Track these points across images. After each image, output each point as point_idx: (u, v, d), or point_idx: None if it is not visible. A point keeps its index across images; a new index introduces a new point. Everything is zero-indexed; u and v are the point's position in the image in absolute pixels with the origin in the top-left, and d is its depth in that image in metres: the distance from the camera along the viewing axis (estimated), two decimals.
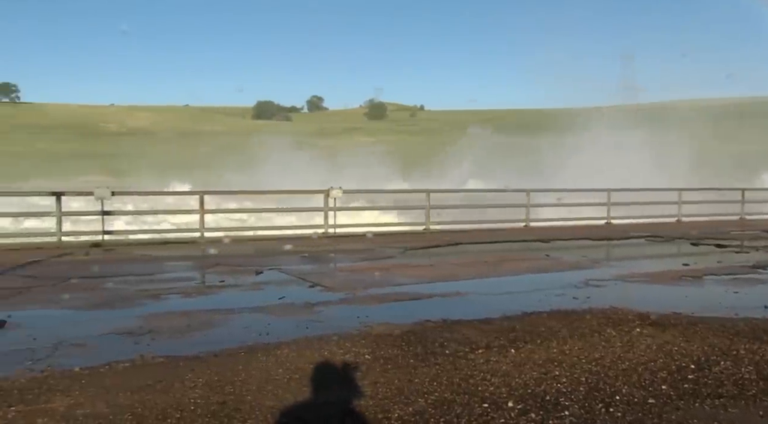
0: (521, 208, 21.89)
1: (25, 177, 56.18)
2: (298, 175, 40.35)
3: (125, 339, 7.45)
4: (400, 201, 23.44)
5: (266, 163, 51.75)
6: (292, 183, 27.89)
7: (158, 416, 5.04)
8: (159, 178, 43.78)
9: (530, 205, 21.81)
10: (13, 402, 5.27)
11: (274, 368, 6.15)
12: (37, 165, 64.80)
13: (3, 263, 12.55)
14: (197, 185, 24.67)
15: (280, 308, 9.08)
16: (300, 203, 20.55)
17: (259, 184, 28.37)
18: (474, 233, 19.77)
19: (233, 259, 13.91)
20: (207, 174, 44.75)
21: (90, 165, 66.21)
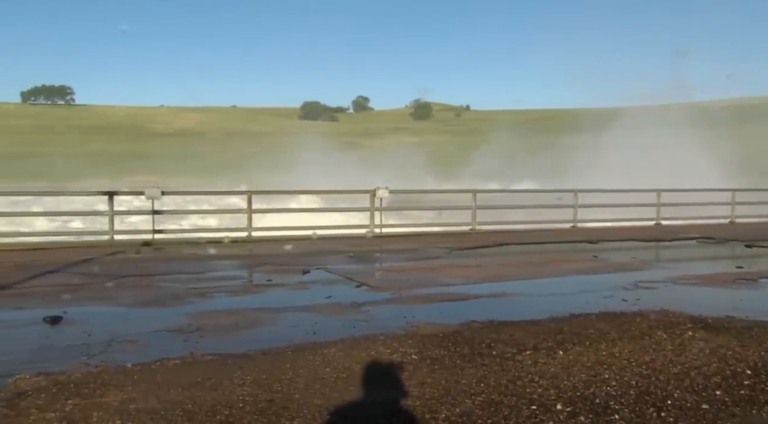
0: (568, 209, 21.63)
1: (78, 177, 57.57)
2: (344, 175, 40.51)
3: (175, 336, 7.57)
4: (446, 201, 23.34)
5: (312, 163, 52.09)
6: (338, 183, 28.02)
7: (208, 413, 5.11)
8: (207, 178, 44.45)
9: (578, 206, 21.54)
10: (70, 395, 5.40)
11: (321, 367, 6.18)
12: (90, 165, 66.27)
13: (59, 261, 12.86)
14: (244, 185, 24.91)
15: (327, 308, 9.13)
16: (346, 203, 20.64)
17: (306, 184, 28.53)
18: (520, 234, 19.61)
19: (280, 258, 14.03)
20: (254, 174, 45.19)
21: (140, 165, 67.47)
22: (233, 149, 72.64)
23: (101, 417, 4.98)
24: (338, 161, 57.66)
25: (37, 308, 8.97)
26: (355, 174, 41.22)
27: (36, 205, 23.06)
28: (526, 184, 34.13)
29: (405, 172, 46.34)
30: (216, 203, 22.29)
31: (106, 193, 16.32)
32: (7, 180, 51.71)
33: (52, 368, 6.11)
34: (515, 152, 60.24)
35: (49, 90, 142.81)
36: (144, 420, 4.95)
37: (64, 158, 74.33)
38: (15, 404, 5.22)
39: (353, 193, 20.73)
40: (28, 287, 10.53)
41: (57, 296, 9.81)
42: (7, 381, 5.74)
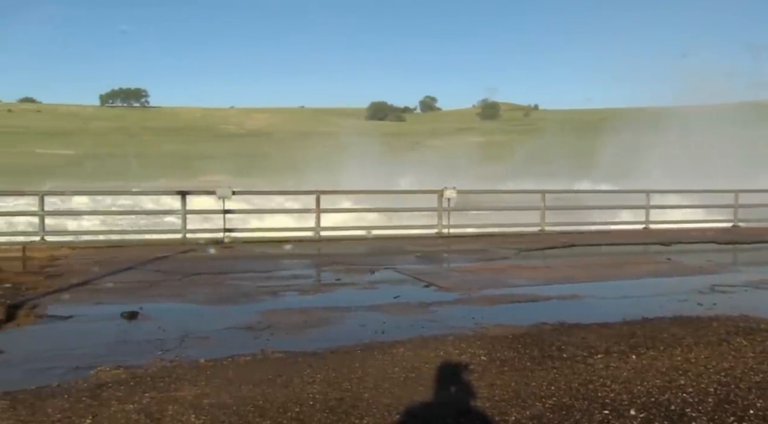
0: (640, 210, 21.13)
1: (153, 177, 59.20)
2: (411, 175, 40.49)
3: (246, 334, 7.71)
4: (515, 202, 23.08)
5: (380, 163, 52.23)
6: (405, 183, 28.07)
7: (279, 409, 5.19)
8: (276, 177, 45.07)
9: (650, 207, 21.02)
10: (147, 389, 5.57)
11: (390, 367, 6.20)
12: (164, 165, 68.08)
13: (134, 258, 13.25)
14: (313, 185, 25.15)
15: (395, 307, 9.15)
16: (413, 203, 20.63)
17: (373, 184, 28.63)
18: (590, 235, 19.26)
19: (348, 258, 14.12)
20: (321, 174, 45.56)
21: (211, 165, 68.88)
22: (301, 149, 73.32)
23: (176, 411, 5.12)
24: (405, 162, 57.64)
25: (115, 303, 9.27)
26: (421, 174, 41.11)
27: (113, 204, 23.79)
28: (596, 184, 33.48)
29: (472, 172, 45.99)
30: (285, 203, 22.56)
31: (179, 192, 16.73)
32: (87, 180, 53.58)
33: (129, 362, 6.31)
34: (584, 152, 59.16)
35: (125, 93, 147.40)
36: (217, 415, 5.06)
37: (140, 159, 76.55)
38: (97, 394, 5.41)
39: (421, 193, 20.72)
40: (106, 283, 10.88)
41: (133, 292, 10.13)
42: (89, 373, 5.96)
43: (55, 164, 72.68)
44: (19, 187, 36.57)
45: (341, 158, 57.50)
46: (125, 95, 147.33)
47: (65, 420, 4.92)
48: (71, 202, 22.68)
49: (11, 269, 11.97)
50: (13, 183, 51.84)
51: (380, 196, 22.49)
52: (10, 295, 9.66)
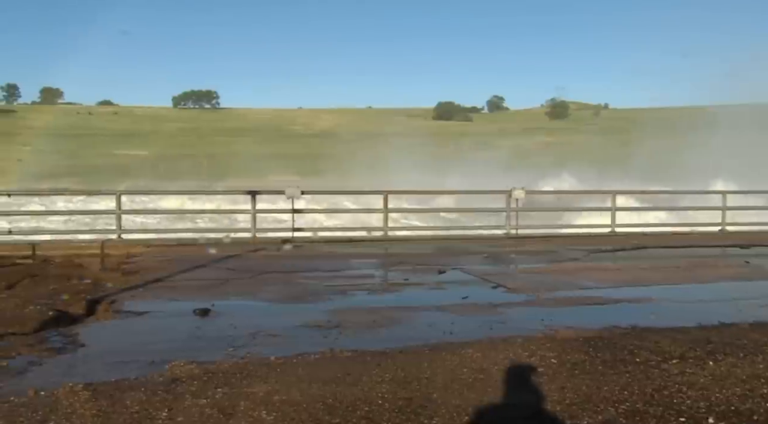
0: (716, 212, 20.45)
1: (223, 177, 60.42)
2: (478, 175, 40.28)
3: (315, 332, 7.80)
4: (584, 202, 22.69)
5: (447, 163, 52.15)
6: (473, 183, 27.91)
7: (348, 408, 5.22)
8: (343, 177, 45.44)
9: (726, 208, 20.33)
10: (219, 384, 5.69)
11: (459, 368, 6.18)
12: (234, 166, 69.30)
13: (207, 256, 13.57)
14: (380, 185, 25.25)
15: (464, 308, 9.11)
16: (482, 203, 20.50)
17: (440, 184, 28.61)
18: (663, 237, 18.78)
19: (416, 257, 14.12)
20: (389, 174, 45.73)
21: (280, 165, 69.79)
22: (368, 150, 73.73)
23: (248, 406, 5.21)
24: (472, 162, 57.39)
25: (188, 300, 9.50)
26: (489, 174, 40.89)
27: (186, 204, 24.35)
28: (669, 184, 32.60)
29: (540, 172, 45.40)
30: (352, 203, 22.72)
31: (249, 192, 17.02)
32: (160, 179, 55.04)
33: (202, 358, 6.45)
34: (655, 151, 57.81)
35: (197, 94, 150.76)
36: (287, 412, 5.13)
37: (210, 159, 78.27)
38: (172, 389, 5.56)
39: (489, 193, 20.57)
40: (179, 281, 11.18)
41: (205, 290, 10.37)
42: (164, 367, 6.12)
43: (130, 165, 74.97)
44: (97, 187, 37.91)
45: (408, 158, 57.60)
46: (197, 97, 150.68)
47: (143, 412, 5.07)
48: (146, 202, 23.36)
49: (91, 265, 12.41)
50: (92, 183, 53.85)
51: (447, 197, 22.46)
52: (90, 290, 10.02)
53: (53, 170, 67.07)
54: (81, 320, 8.43)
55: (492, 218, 19.63)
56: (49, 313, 8.37)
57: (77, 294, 9.67)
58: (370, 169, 53.17)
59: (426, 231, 18.19)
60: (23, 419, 4.95)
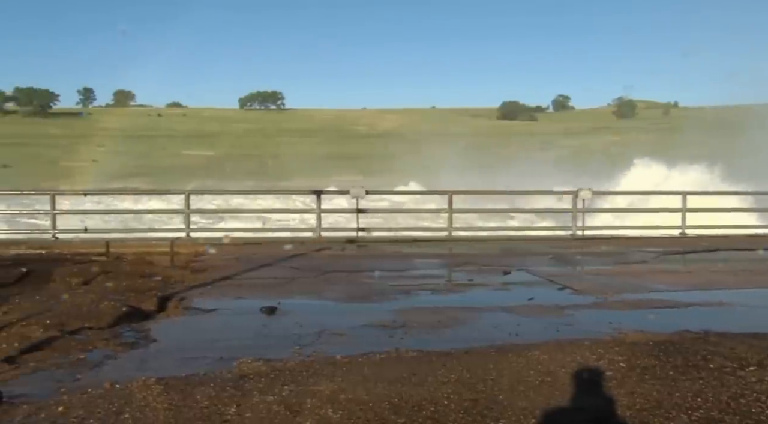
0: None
1: (288, 177, 61.25)
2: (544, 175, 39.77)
3: (380, 331, 7.82)
4: (653, 203, 22.14)
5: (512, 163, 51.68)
6: (539, 183, 27.57)
7: (414, 408, 5.22)
8: (407, 177, 45.44)
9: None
10: (286, 381, 5.76)
11: (525, 370, 6.11)
12: (299, 166, 70.14)
13: (272, 255, 13.74)
14: (444, 185, 25.21)
15: (529, 309, 9.02)
16: (547, 204, 20.25)
17: (505, 184, 28.34)
18: (737, 239, 18.15)
19: (480, 258, 14.03)
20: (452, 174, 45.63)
21: (344, 166, 70.47)
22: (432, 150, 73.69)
23: (314, 404, 5.26)
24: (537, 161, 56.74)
25: (255, 298, 9.66)
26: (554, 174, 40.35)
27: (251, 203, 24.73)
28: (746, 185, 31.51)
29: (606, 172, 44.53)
30: (417, 203, 22.74)
31: (314, 192, 17.21)
32: (226, 179, 56.12)
33: (269, 355, 6.54)
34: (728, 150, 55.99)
35: (262, 96, 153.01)
36: (353, 410, 5.16)
37: (275, 159, 79.39)
38: (240, 385, 5.66)
39: (554, 194, 20.29)
40: (246, 279, 11.36)
41: (271, 288, 10.52)
42: (233, 364, 6.23)
43: (198, 165, 76.75)
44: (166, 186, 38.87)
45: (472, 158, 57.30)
46: (263, 98, 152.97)
47: (212, 407, 5.18)
48: (212, 201, 23.86)
49: (161, 263, 12.74)
50: (161, 183, 55.31)
51: (512, 197, 22.24)
52: (161, 287, 10.29)
53: (125, 170, 69.18)
54: (152, 317, 8.67)
55: (558, 219, 19.36)
56: (122, 309, 8.63)
57: (148, 291, 9.94)
58: (435, 170, 53.09)
59: (490, 232, 18.04)
60: (101, 410, 5.11)
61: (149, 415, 5.03)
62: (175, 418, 4.98)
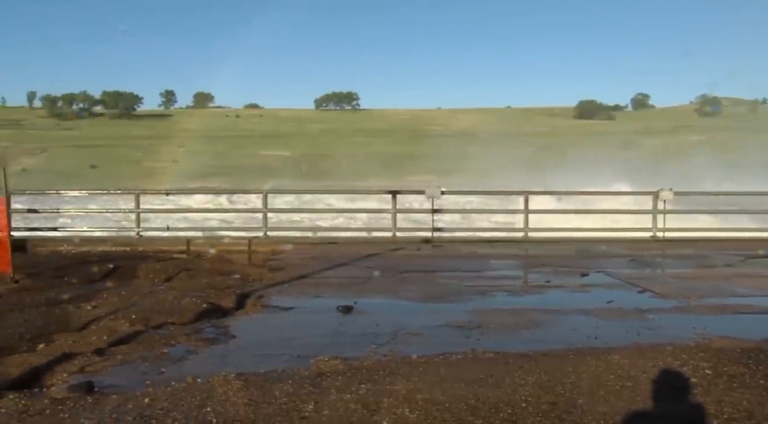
0: None
1: (363, 177, 61.63)
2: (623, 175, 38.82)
3: (456, 332, 7.80)
4: (740, 204, 21.35)
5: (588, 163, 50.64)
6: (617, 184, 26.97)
7: (491, 409, 5.18)
8: (483, 177, 45.18)
9: None
10: (363, 380, 5.80)
11: (604, 374, 5.98)
12: (373, 166, 70.51)
13: (348, 255, 13.85)
14: (520, 185, 24.88)
15: (608, 312, 8.82)
16: (626, 205, 19.74)
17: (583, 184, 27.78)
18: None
19: (557, 259, 13.81)
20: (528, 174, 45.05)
21: (418, 166, 70.48)
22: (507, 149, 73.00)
23: (391, 403, 5.28)
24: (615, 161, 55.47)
25: (331, 297, 9.78)
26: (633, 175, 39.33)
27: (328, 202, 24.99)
28: None
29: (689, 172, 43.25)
30: (492, 203, 22.54)
31: (390, 192, 17.24)
32: (302, 179, 56.94)
33: (346, 354, 6.59)
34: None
35: (337, 96, 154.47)
36: (430, 410, 5.16)
37: (350, 159, 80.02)
38: (317, 383, 5.72)
39: (633, 194, 19.81)
40: (323, 278, 11.49)
41: (347, 287, 10.62)
42: (310, 362, 6.31)
43: (274, 165, 78.04)
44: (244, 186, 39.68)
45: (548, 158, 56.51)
46: (338, 99, 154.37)
47: (290, 404, 5.25)
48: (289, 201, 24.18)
49: (239, 261, 13.00)
50: (240, 182, 56.51)
51: (589, 197, 21.81)
52: (239, 285, 10.51)
53: (204, 170, 70.98)
54: (231, 313, 8.87)
55: (637, 220, 18.85)
56: (203, 305, 8.85)
57: (227, 288, 10.18)
58: (510, 170, 52.55)
59: (567, 232, 17.72)
60: (184, 403, 5.26)
61: (230, 409, 5.14)
62: (255, 413, 5.08)
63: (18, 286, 10.17)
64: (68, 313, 8.41)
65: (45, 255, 13.64)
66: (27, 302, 9.03)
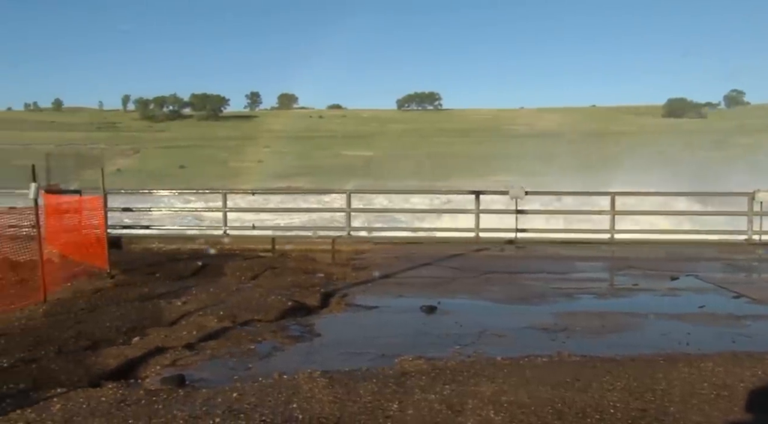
0: None
1: (445, 177, 61.50)
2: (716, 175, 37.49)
3: (541, 334, 7.69)
4: None
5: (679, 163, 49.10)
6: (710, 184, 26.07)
7: (578, 414, 5.09)
8: (567, 178, 44.31)
9: None
10: (447, 381, 5.79)
11: (698, 382, 5.78)
12: (455, 166, 70.32)
13: (431, 255, 13.84)
14: (606, 186, 24.35)
15: (700, 318, 8.52)
16: (718, 206, 19.05)
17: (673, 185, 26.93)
18: None
19: (645, 262, 13.40)
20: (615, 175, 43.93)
21: (501, 166, 69.70)
22: (592, 150, 71.51)
23: (476, 405, 5.25)
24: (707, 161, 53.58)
25: (414, 296, 9.80)
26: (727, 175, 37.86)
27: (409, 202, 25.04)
28: None
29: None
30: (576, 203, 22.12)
31: (473, 192, 17.14)
32: (384, 179, 57.22)
33: (430, 354, 6.60)
34: None
35: (420, 96, 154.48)
36: (515, 413, 5.10)
37: (432, 159, 79.95)
38: (402, 382, 5.74)
39: (727, 195, 19.07)
40: (406, 278, 11.51)
41: (431, 287, 10.61)
42: (394, 361, 6.35)
43: (357, 165, 78.75)
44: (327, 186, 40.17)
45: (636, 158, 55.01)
46: (420, 99, 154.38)
47: (375, 403, 5.29)
48: (372, 201, 24.36)
49: (323, 260, 13.19)
50: (323, 182, 57.30)
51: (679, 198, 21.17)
52: (323, 284, 10.66)
53: (288, 170, 72.30)
54: (316, 312, 9.00)
55: (731, 223, 18.14)
56: (288, 303, 9.02)
57: (312, 287, 10.34)
58: (596, 170, 51.44)
59: (655, 234, 17.19)
60: (271, 398, 5.37)
61: (315, 406, 5.21)
62: (340, 411, 5.13)
63: (114, 281, 10.62)
64: (160, 308, 8.71)
65: (138, 252, 14.20)
66: (122, 297, 9.42)
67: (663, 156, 57.34)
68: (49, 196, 12.18)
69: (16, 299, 8.84)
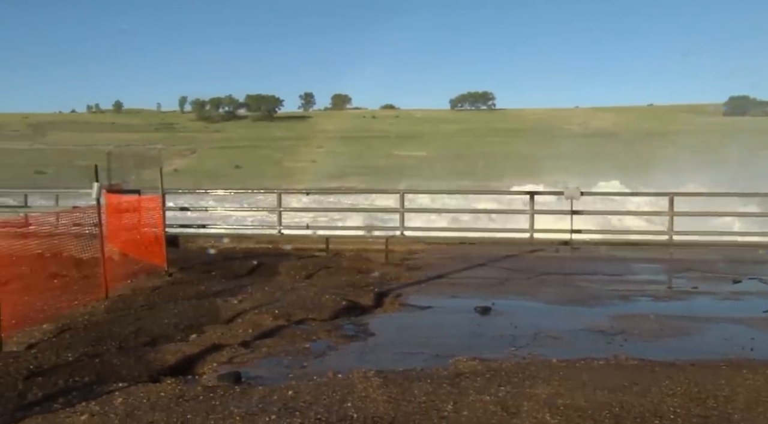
0: None
1: (499, 177, 61.04)
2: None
3: (598, 337, 7.58)
4: None
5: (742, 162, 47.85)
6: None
7: (636, 419, 5.00)
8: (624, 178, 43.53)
9: None
10: (502, 382, 5.74)
11: (763, 389, 5.62)
12: (509, 166, 69.69)
13: (484, 255, 13.76)
14: (664, 186, 23.85)
15: (765, 322, 8.28)
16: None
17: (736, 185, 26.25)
18: None
19: (704, 264, 13.07)
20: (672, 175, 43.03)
21: (555, 166, 68.85)
22: (649, 149, 70.21)
23: (531, 407, 5.19)
24: None
25: (468, 297, 9.76)
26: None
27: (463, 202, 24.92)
28: None
29: None
30: (634, 205, 21.73)
31: (528, 193, 16.99)
32: (437, 179, 57.11)
33: (484, 355, 6.56)
34: None
35: (473, 96, 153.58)
36: (572, 417, 5.03)
37: (486, 159, 79.50)
38: (456, 383, 5.72)
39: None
40: (460, 278, 11.48)
41: (485, 288, 10.55)
42: (448, 361, 6.33)
43: (409, 165, 78.79)
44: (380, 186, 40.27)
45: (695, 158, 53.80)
46: (473, 99, 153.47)
47: (429, 403, 5.28)
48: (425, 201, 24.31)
49: (377, 259, 13.22)
50: (375, 182, 57.53)
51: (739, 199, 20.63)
52: (377, 283, 10.68)
53: (341, 170, 72.75)
54: (370, 311, 9.03)
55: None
56: (342, 302, 9.07)
57: (366, 287, 10.38)
58: (654, 170, 50.48)
59: (715, 236, 16.76)
60: (325, 397, 5.41)
61: (370, 406, 5.22)
62: (395, 411, 5.14)
63: (171, 279, 10.84)
64: (216, 306, 8.85)
65: (194, 251, 14.45)
66: (180, 294, 9.61)
67: (722, 156, 55.89)
68: (110, 195, 12.50)
69: (80, 295, 9.10)
